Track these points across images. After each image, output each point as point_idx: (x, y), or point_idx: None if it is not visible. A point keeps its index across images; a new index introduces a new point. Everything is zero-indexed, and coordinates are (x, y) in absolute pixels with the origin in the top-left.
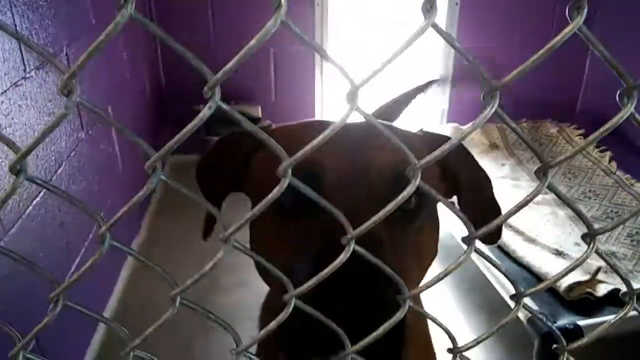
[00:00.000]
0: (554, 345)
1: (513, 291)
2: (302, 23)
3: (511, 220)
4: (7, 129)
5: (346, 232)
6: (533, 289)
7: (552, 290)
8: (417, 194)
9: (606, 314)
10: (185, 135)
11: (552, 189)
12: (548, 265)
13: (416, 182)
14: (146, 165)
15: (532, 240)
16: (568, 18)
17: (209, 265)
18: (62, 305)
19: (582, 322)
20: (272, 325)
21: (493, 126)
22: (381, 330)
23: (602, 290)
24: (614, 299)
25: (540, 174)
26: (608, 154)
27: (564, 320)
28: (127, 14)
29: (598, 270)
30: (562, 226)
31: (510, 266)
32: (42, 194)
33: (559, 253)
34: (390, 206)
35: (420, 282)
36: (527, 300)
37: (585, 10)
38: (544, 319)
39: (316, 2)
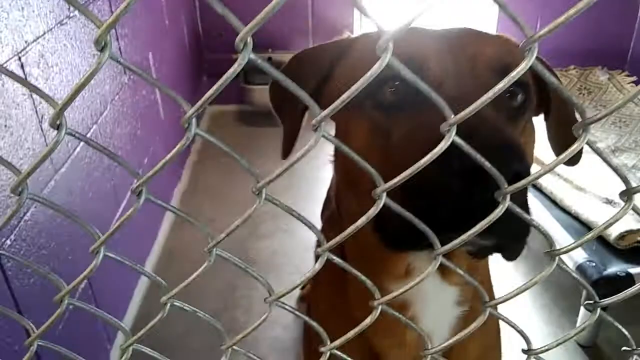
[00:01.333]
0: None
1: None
2: None
3: (559, 169)
4: (54, 67)
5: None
6: (568, 246)
7: (602, 239)
8: (524, 88)
9: None
10: (219, 88)
11: (590, 145)
12: (597, 214)
13: (533, 56)
14: (182, 121)
15: (581, 189)
16: None
17: (243, 217)
18: (102, 255)
19: (633, 270)
20: (360, 222)
21: None
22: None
23: None
24: None
25: (579, 130)
26: None
27: (615, 268)
28: None
29: None
30: (611, 175)
31: (558, 214)
32: (89, 134)
33: (608, 201)
34: (507, 79)
35: None
36: (576, 249)
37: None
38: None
39: None
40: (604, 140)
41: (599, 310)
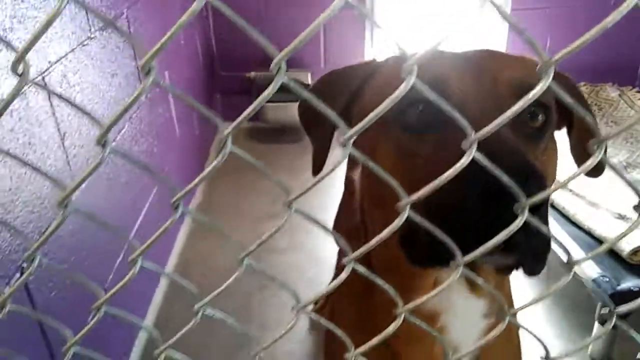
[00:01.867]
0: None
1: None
2: None
3: (572, 185)
4: (76, 86)
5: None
6: (585, 257)
7: (615, 254)
8: (544, 109)
9: None
10: (255, 109)
11: (604, 162)
12: (610, 229)
13: (549, 79)
14: (220, 137)
15: (593, 204)
16: None
17: (276, 228)
18: (140, 265)
19: None
20: (385, 234)
21: None
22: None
23: None
24: None
25: (594, 147)
26: None
27: (629, 283)
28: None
29: None
30: (623, 190)
31: (572, 231)
32: (109, 152)
33: (621, 217)
34: (524, 101)
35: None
36: (590, 264)
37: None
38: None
39: None
40: (615, 156)
41: (614, 318)
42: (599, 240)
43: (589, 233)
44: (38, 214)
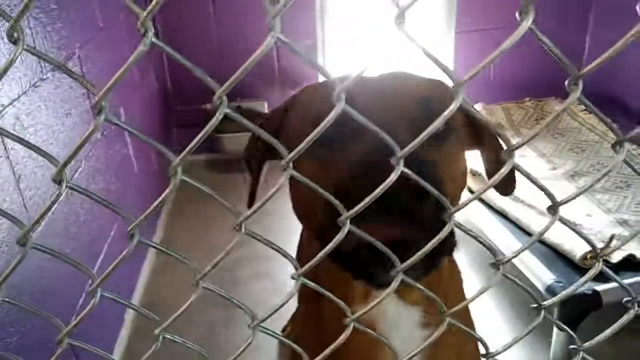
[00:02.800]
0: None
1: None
2: (305, 17)
3: (523, 196)
4: (30, 128)
5: (390, 153)
6: (512, 255)
7: (567, 260)
8: (447, 124)
9: (622, 279)
10: (202, 138)
11: (516, 168)
12: (561, 236)
13: (460, 97)
14: (170, 169)
15: (544, 214)
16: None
17: (226, 250)
18: (100, 296)
19: (599, 288)
20: (330, 247)
21: (497, 107)
22: (430, 245)
23: (616, 256)
24: (629, 265)
25: (506, 157)
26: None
27: (582, 288)
28: (148, 42)
29: (612, 238)
30: (562, 194)
31: (527, 241)
32: (65, 193)
33: (574, 224)
34: (439, 121)
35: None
36: (544, 271)
37: (531, 15)
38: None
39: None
40: (562, 166)
41: (542, 312)
42: (553, 248)
43: (542, 242)
44: None
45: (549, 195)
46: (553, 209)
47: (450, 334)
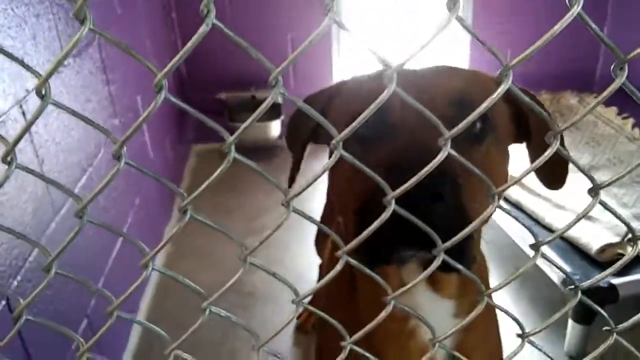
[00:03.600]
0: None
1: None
2: (317, 10)
3: (539, 189)
4: (53, 113)
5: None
6: (549, 238)
7: (584, 254)
8: (482, 118)
9: (638, 273)
10: (252, 122)
11: (559, 151)
12: (578, 230)
13: (509, 81)
14: (224, 147)
15: (560, 207)
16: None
17: (274, 229)
18: (115, 317)
19: (615, 281)
20: (374, 226)
21: None
22: (467, 230)
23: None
24: None
25: (551, 138)
26: (630, 120)
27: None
28: (210, 23)
29: (628, 232)
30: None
31: (541, 232)
32: (85, 176)
33: (587, 217)
34: (478, 111)
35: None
36: (560, 263)
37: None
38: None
39: None
40: (579, 159)
41: (579, 293)
42: (568, 241)
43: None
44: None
45: (590, 177)
46: (594, 190)
47: (478, 320)
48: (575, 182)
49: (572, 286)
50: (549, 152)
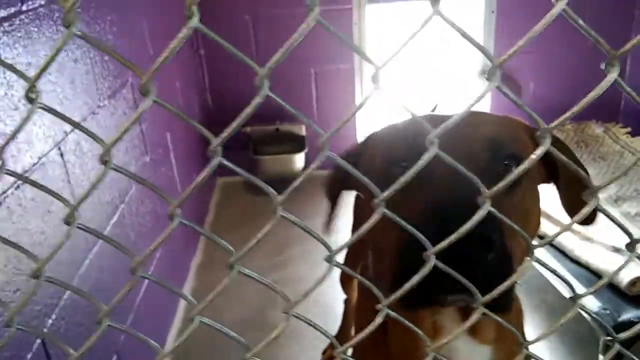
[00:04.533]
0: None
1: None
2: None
3: (565, 220)
4: (88, 153)
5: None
6: (590, 290)
7: (614, 287)
8: (517, 161)
9: None
10: (244, 119)
11: (598, 208)
12: (606, 262)
13: (547, 144)
14: (209, 149)
15: (588, 239)
16: (604, 71)
17: (316, 282)
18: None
19: None
20: (415, 280)
21: None
22: (508, 282)
23: None
24: None
25: (589, 196)
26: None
27: (629, 315)
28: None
29: None
30: (612, 224)
31: (568, 265)
32: (118, 212)
33: (616, 250)
34: (522, 168)
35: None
36: (590, 299)
37: (618, 67)
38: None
39: (353, 21)
40: (605, 190)
41: (617, 344)
42: (597, 274)
43: (587, 267)
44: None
45: (628, 233)
46: (632, 245)
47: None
48: (603, 215)
49: (610, 338)
50: (587, 210)
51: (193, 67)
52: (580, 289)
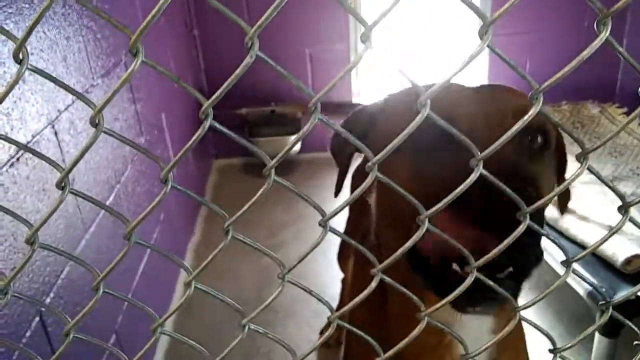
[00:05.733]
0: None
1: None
2: (336, 23)
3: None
4: (83, 133)
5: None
6: (580, 254)
7: (609, 265)
8: (543, 133)
9: None
10: (234, 80)
11: (590, 170)
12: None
13: (539, 104)
14: (200, 112)
15: (584, 218)
16: (596, 30)
17: (312, 246)
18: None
19: None
20: (408, 244)
21: None
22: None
23: None
24: None
25: (581, 158)
26: None
27: (624, 292)
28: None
29: None
30: (612, 203)
31: (565, 244)
32: (114, 193)
33: (611, 228)
34: (521, 122)
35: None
36: (585, 275)
37: (609, 26)
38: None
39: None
40: (601, 170)
41: (611, 309)
42: (593, 253)
43: (582, 246)
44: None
45: (620, 195)
46: (624, 208)
47: (510, 336)
48: (600, 194)
49: (603, 302)
50: (580, 171)
51: (187, 47)
52: (576, 267)
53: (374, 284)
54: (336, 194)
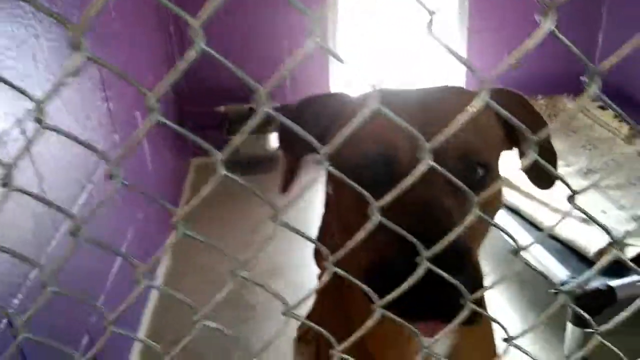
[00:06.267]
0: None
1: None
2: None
3: (537, 194)
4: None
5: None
6: (530, 243)
7: (582, 257)
8: (484, 166)
9: (636, 275)
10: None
11: (556, 176)
12: (575, 232)
13: (485, 95)
14: (145, 105)
15: (557, 210)
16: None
17: (266, 238)
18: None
19: (613, 283)
20: (359, 235)
21: None
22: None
23: (630, 252)
24: None
25: (528, 149)
26: (626, 124)
27: (596, 283)
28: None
29: (626, 234)
30: (585, 195)
31: (539, 237)
32: (85, 192)
33: (584, 220)
34: (466, 115)
35: (486, 233)
36: (558, 267)
37: (553, 17)
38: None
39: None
40: (575, 163)
41: (563, 295)
42: (566, 244)
43: (556, 238)
44: None
45: (567, 184)
46: (572, 197)
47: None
48: (572, 187)
49: (555, 290)
50: (527, 162)
51: (162, 44)
52: (549, 258)
53: (325, 277)
54: (283, 188)
